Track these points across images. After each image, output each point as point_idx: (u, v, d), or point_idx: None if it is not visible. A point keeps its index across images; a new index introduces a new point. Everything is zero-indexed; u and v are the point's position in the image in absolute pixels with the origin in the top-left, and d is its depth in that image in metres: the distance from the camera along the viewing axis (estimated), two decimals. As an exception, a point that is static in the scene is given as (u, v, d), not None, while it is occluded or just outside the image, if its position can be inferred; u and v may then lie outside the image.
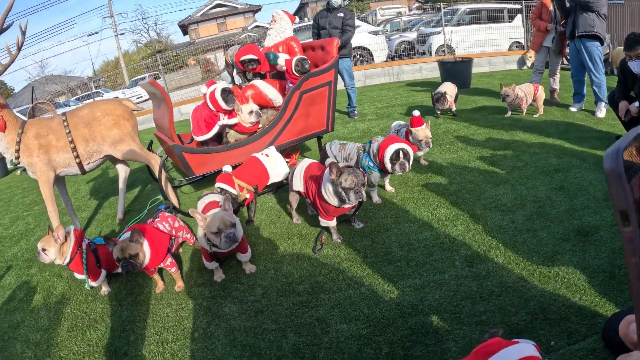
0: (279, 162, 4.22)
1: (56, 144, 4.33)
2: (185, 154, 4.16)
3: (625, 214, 0.42)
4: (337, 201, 3.29)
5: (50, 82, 34.78)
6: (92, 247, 3.54)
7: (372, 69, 12.68)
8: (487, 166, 4.69)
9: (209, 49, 22.91)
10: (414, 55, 13.97)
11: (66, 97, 24.85)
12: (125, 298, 3.45)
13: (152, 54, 30.42)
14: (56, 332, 3.19)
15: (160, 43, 41.58)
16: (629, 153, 0.46)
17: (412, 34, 15.65)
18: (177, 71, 21.74)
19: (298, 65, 4.53)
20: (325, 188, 3.30)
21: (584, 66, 6.32)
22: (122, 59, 31.15)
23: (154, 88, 4.31)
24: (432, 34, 13.67)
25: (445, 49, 12.48)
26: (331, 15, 7.22)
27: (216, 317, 2.97)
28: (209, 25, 40.72)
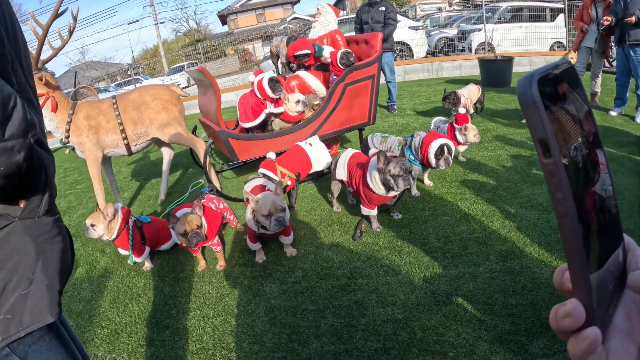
0: (322, 151, 4.32)
1: (106, 125, 4.52)
2: (230, 139, 4.29)
3: (545, 143, 0.40)
4: (382, 189, 3.39)
5: (90, 68, 35.59)
6: (138, 225, 3.70)
7: (412, 65, 12.62)
8: (524, 166, 4.69)
9: (247, 40, 23.11)
10: (454, 52, 13.85)
11: (106, 83, 25.39)
12: (167, 274, 3.60)
13: (191, 43, 30.85)
14: (98, 304, 3.35)
15: (199, 32, 42.10)
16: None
17: (452, 30, 15.49)
18: (215, 60, 22.02)
19: (343, 58, 4.61)
20: (371, 176, 3.39)
21: (629, 70, 6.20)
22: (161, 47, 31.63)
23: (203, 75, 4.45)
24: (472, 31, 13.51)
25: (486, 47, 12.33)
26: (373, 9, 7.24)
27: (257, 296, 3.09)
28: (247, 15, 40.98)
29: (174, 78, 22.49)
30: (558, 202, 0.41)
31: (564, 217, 0.41)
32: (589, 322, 0.44)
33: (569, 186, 0.40)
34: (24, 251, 1.15)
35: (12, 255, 1.13)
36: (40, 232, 1.20)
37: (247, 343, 2.65)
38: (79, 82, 17.24)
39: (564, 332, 0.46)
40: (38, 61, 4.13)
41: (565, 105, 0.43)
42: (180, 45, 38.55)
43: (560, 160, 0.40)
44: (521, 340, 2.30)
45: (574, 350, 0.44)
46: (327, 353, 2.46)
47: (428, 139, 3.89)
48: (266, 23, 37.96)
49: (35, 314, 1.16)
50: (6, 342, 1.11)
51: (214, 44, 22.50)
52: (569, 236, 0.42)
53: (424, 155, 3.91)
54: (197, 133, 5.25)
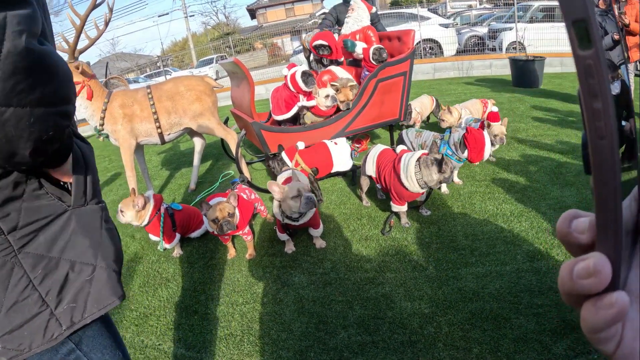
0: (345, 153, 4.39)
1: (140, 114, 4.62)
2: (263, 131, 4.36)
3: (584, 26, 0.30)
4: (417, 186, 3.43)
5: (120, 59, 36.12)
6: (169, 212, 3.79)
7: (442, 62, 12.55)
8: (554, 167, 4.65)
9: (276, 34, 23.20)
10: (484, 50, 13.72)
11: (135, 74, 25.74)
12: (197, 261, 3.69)
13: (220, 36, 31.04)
14: (128, 287, 3.45)
15: (228, 26, 42.36)
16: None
17: (483, 28, 15.32)
18: (244, 54, 22.16)
19: (376, 54, 4.64)
20: (406, 174, 3.43)
21: None
22: (190, 40, 31.86)
23: (237, 67, 4.52)
24: (503, 30, 13.35)
25: (517, 46, 12.18)
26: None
27: (285, 285, 3.15)
28: (276, 10, 41.06)
29: (202, 70, 22.68)
30: (595, 115, 0.32)
31: (601, 136, 0.32)
32: (613, 285, 0.35)
33: (611, 93, 0.31)
34: (82, 238, 1.18)
35: (71, 244, 1.15)
36: (93, 219, 1.23)
37: (275, 331, 2.71)
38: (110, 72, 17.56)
39: (577, 296, 0.36)
40: (75, 50, 4.24)
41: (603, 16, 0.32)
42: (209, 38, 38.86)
43: (603, 51, 0.30)
44: (545, 340, 2.32)
45: (593, 319, 0.35)
46: (353, 343, 2.50)
47: (478, 134, 3.87)
48: (295, 18, 38.00)
49: (102, 298, 1.19)
50: (71, 331, 1.14)
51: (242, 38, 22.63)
52: (605, 162, 0.33)
53: (475, 149, 3.88)
54: (229, 124, 5.34)
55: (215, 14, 45.73)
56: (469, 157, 3.91)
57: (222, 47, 20.12)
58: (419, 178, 3.38)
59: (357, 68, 5.24)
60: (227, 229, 3.30)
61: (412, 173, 3.38)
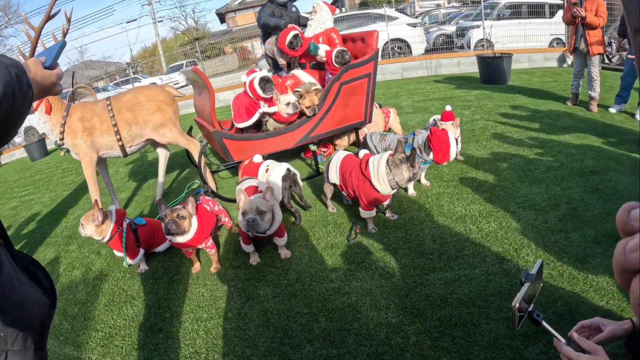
0: (275, 183, 3.87)
1: (100, 127, 4.50)
2: (225, 140, 4.26)
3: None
4: (389, 187, 3.38)
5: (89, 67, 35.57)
6: (132, 227, 3.69)
7: (410, 62, 12.58)
8: (522, 165, 4.65)
9: (246, 37, 23.04)
10: (453, 48, 13.81)
11: (104, 82, 25.37)
12: (161, 277, 3.59)
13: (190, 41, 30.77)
14: (93, 306, 3.35)
15: (197, 31, 42.04)
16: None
17: (451, 27, 15.45)
18: (214, 59, 22.00)
19: (338, 56, 4.57)
20: (378, 177, 3.37)
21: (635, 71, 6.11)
22: (159, 45, 31.55)
23: (197, 75, 4.42)
24: (471, 28, 13.47)
25: (485, 44, 12.29)
26: (286, 11, 6.71)
27: (250, 298, 3.07)
28: (246, 13, 40.80)
29: (172, 77, 22.48)
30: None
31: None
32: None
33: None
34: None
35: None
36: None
37: (240, 347, 2.64)
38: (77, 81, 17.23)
39: (628, 272, 0.40)
40: (32, 64, 4.08)
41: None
42: (178, 43, 38.50)
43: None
44: (516, 345, 2.27)
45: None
46: (319, 358, 2.43)
47: (443, 135, 3.82)
48: (265, 21, 37.85)
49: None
50: None
51: (212, 43, 22.45)
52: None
53: (440, 150, 3.83)
54: (193, 133, 5.23)
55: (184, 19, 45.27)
56: (435, 159, 3.87)
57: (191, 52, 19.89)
58: (390, 179, 3.32)
59: (321, 71, 5.18)
60: (171, 229, 3.21)
61: (384, 174, 3.33)
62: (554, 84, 8.86)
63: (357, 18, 14.20)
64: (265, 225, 3.14)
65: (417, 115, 7.38)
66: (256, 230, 3.12)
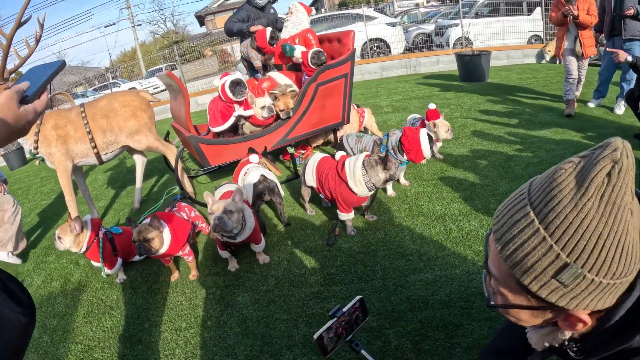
0: (247, 188, 3.83)
1: (74, 134, 4.41)
2: (201, 144, 4.20)
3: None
4: (365, 189, 3.35)
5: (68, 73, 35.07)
6: (108, 236, 3.62)
7: (389, 61, 12.58)
8: (502, 161, 4.65)
9: (226, 40, 22.91)
10: (432, 47, 13.85)
11: (84, 88, 25.06)
12: (140, 286, 3.53)
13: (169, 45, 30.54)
14: (72, 318, 3.28)
15: (176, 34, 41.77)
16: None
17: (430, 25, 15.51)
18: (193, 62, 21.81)
19: (314, 57, 4.53)
20: (354, 178, 3.33)
21: (615, 65, 6.13)
22: (139, 50, 31.29)
23: (171, 80, 4.35)
24: (449, 26, 13.52)
25: (463, 42, 12.34)
26: (264, 13, 6.61)
27: (229, 306, 3.02)
28: (225, 16, 40.40)
29: (152, 81, 22.26)
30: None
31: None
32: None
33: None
34: None
35: None
36: None
37: (219, 356, 2.60)
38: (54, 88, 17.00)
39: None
40: (4, 71, 4.00)
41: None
42: (158, 47, 38.20)
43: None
44: (498, 345, 2.24)
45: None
46: (299, 365, 2.39)
47: (413, 134, 3.81)
48: (244, 23, 37.74)
49: None
50: None
51: (191, 46, 22.27)
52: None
53: (412, 149, 3.82)
54: (171, 139, 5.15)
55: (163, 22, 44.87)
56: (409, 158, 3.85)
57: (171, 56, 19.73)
58: (367, 180, 3.29)
59: (298, 73, 5.14)
60: (141, 253, 3.19)
61: (360, 176, 3.29)
62: (532, 80, 8.92)
63: (336, 19, 14.17)
64: (232, 224, 3.04)
65: (397, 115, 7.37)
66: (224, 230, 3.03)
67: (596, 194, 0.76)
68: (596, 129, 5.42)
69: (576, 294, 0.82)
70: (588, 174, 0.77)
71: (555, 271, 0.81)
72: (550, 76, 9.14)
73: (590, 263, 0.78)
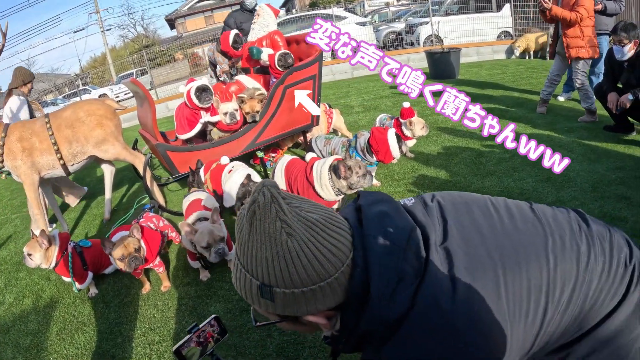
0: (232, 188, 3.77)
1: (40, 146, 4.30)
2: (168, 152, 4.13)
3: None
4: (332, 194, 3.32)
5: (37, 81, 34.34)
6: (77, 250, 3.52)
7: (361, 61, 12.61)
8: (474, 158, 4.68)
9: (197, 43, 22.77)
10: (402, 45, 13.94)
11: (53, 96, 24.58)
12: (112, 300, 3.46)
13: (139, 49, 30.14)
14: (45, 336, 3.20)
15: (147, 38, 41.30)
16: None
17: (400, 24, 15.62)
18: (164, 66, 21.60)
19: (281, 60, 4.49)
20: (320, 182, 3.30)
21: None
22: (109, 55, 30.84)
23: (136, 87, 4.28)
24: (419, 24, 13.62)
25: (433, 39, 12.44)
26: (253, 15, 6.53)
27: (202, 316, 2.97)
28: (196, 18, 40.36)
29: (122, 87, 21.94)
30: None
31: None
32: None
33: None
34: None
35: None
36: None
37: (192, 369, 2.54)
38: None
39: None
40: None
41: None
42: (128, 52, 37.70)
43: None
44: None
45: None
46: (273, 374, 2.36)
47: (380, 134, 3.79)
48: (215, 25, 37.43)
49: None
50: None
51: (162, 49, 22.04)
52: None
53: (380, 150, 3.80)
54: (139, 146, 5.07)
55: (133, 26, 44.26)
56: (378, 159, 3.85)
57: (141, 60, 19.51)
58: (333, 185, 3.27)
59: (266, 75, 5.10)
60: (136, 265, 3.13)
61: (327, 181, 3.27)
62: (502, 75, 9.03)
63: (306, 19, 14.17)
64: (227, 248, 3.08)
65: (367, 114, 7.38)
66: (224, 257, 3.07)
67: (255, 229, 0.94)
68: (566, 122, 5.50)
69: (286, 304, 0.97)
70: (244, 216, 0.96)
71: (257, 293, 0.98)
72: (520, 71, 9.26)
73: (273, 280, 0.94)
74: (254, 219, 0.94)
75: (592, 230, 1.17)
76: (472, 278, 1.00)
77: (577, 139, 4.87)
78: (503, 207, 1.20)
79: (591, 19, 5.34)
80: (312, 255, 0.93)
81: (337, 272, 0.96)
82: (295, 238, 0.93)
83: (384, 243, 0.98)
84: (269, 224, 0.93)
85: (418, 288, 0.96)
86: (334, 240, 0.96)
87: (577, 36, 5.38)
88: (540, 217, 1.18)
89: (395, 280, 0.95)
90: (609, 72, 4.75)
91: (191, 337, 1.45)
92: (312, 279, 0.94)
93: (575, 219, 1.20)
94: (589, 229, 1.17)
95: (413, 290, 0.96)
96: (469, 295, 0.97)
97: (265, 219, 0.93)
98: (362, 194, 1.17)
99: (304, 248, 0.93)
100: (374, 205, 1.10)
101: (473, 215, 1.15)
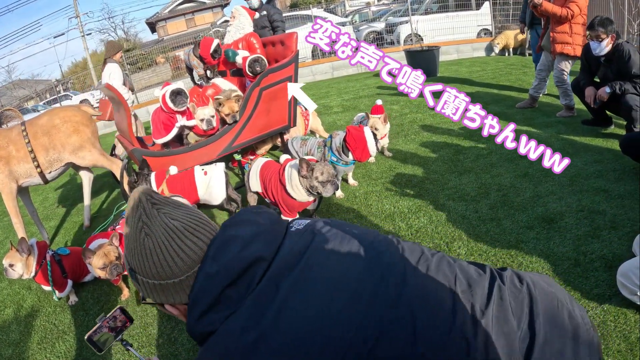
0: (216, 184, 3.79)
1: (16, 154, 4.26)
2: (145, 157, 4.11)
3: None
4: (304, 195, 3.31)
5: (18, 87, 34.02)
6: (56, 258, 3.50)
7: (340, 61, 12.62)
8: (451, 155, 4.71)
9: (178, 46, 22.67)
10: (383, 45, 13.99)
11: (35, 102, 24.32)
12: (92, 307, 3.45)
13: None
14: (27, 346, 3.19)
15: (128, 42, 40.94)
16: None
17: (380, 24, 15.68)
18: (146, 70, 21.46)
19: (250, 66, 4.43)
20: (291, 183, 3.30)
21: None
22: (90, 59, 30.46)
23: (110, 92, 4.25)
24: (399, 24, 13.68)
25: (413, 38, 12.51)
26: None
27: (180, 322, 2.96)
28: (177, 21, 40.10)
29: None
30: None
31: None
32: None
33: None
34: None
35: None
36: None
37: (171, 376, 2.54)
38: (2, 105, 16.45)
39: None
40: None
41: None
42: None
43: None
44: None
45: None
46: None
47: (357, 132, 3.80)
48: (196, 28, 37.24)
49: None
50: None
51: (143, 53, 21.88)
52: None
53: (357, 148, 3.80)
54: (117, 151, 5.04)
55: (114, 30, 43.85)
56: (355, 157, 3.84)
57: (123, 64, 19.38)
58: (304, 185, 3.27)
59: (242, 78, 5.08)
60: (117, 273, 3.14)
61: (297, 181, 3.27)
62: (481, 72, 9.11)
63: (287, 20, 14.15)
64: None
65: (347, 114, 7.41)
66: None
67: (128, 225, 1.15)
68: (544, 117, 5.55)
69: (147, 291, 1.14)
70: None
71: (132, 276, 1.15)
72: (499, 68, 9.34)
73: (136, 268, 1.12)
74: (128, 217, 1.15)
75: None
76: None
77: (555, 133, 4.92)
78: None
79: (583, 17, 5.31)
80: (162, 255, 1.08)
81: (183, 276, 1.10)
82: (151, 238, 1.09)
83: (212, 267, 1.09)
84: (134, 223, 1.12)
85: (230, 315, 1.06)
86: (186, 248, 1.10)
87: (565, 32, 5.35)
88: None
89: (207, 303, 1.06)
90: (586, 67, 4.80)
91: (101, 324, 1.63)
92: (161, 275, 1.09)
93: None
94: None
95: (225, 316, 1.06)
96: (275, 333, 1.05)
97: (132, 218, 1.13)
98: (238, 212, 1.31)
99: (156, 248, 1.08)
100: (234, 227, 1.19)
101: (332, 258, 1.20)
